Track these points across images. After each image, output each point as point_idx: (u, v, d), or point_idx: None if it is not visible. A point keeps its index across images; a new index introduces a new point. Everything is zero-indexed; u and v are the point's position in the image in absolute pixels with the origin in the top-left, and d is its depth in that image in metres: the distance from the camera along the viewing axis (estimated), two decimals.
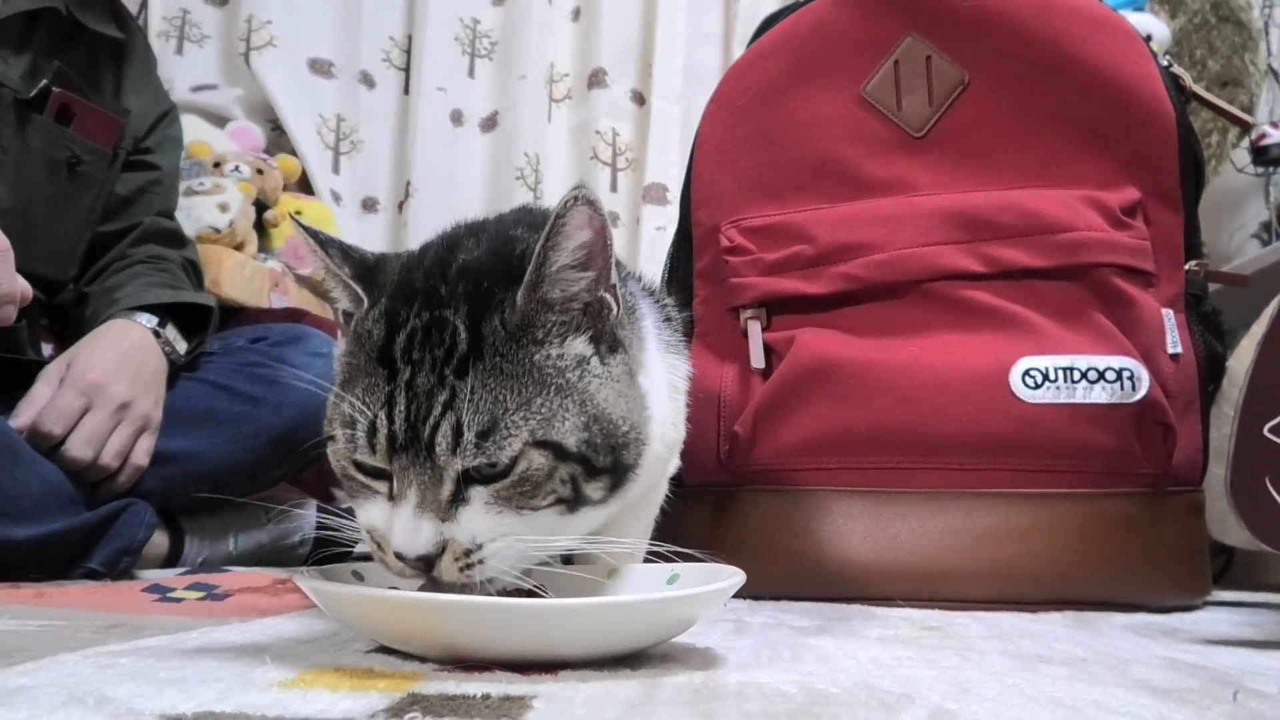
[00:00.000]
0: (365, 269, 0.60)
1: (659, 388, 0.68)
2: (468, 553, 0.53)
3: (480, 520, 0.53)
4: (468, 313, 0.55)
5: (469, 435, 0.52)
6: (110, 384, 1.02)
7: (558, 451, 0.54)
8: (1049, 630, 0.76)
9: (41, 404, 1.00)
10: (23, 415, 0.99)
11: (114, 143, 1.19)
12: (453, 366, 0.53)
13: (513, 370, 0.54)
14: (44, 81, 1.09)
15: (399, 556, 0.53)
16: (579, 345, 0.57)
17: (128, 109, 1.21)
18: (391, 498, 0.54)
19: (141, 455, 1.05)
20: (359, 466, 0.55)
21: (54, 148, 1.12)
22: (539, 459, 0.53)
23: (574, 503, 0.56)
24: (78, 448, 0.99)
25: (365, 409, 0.53)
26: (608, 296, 0.58)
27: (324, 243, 0.60)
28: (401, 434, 0.52)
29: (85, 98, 1.14)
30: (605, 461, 0.56)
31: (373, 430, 0.53)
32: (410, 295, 0.56)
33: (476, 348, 0.54)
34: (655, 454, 0.65)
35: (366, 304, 0.58)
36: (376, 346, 0.55)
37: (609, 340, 0.59)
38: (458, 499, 0.53)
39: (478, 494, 0.53)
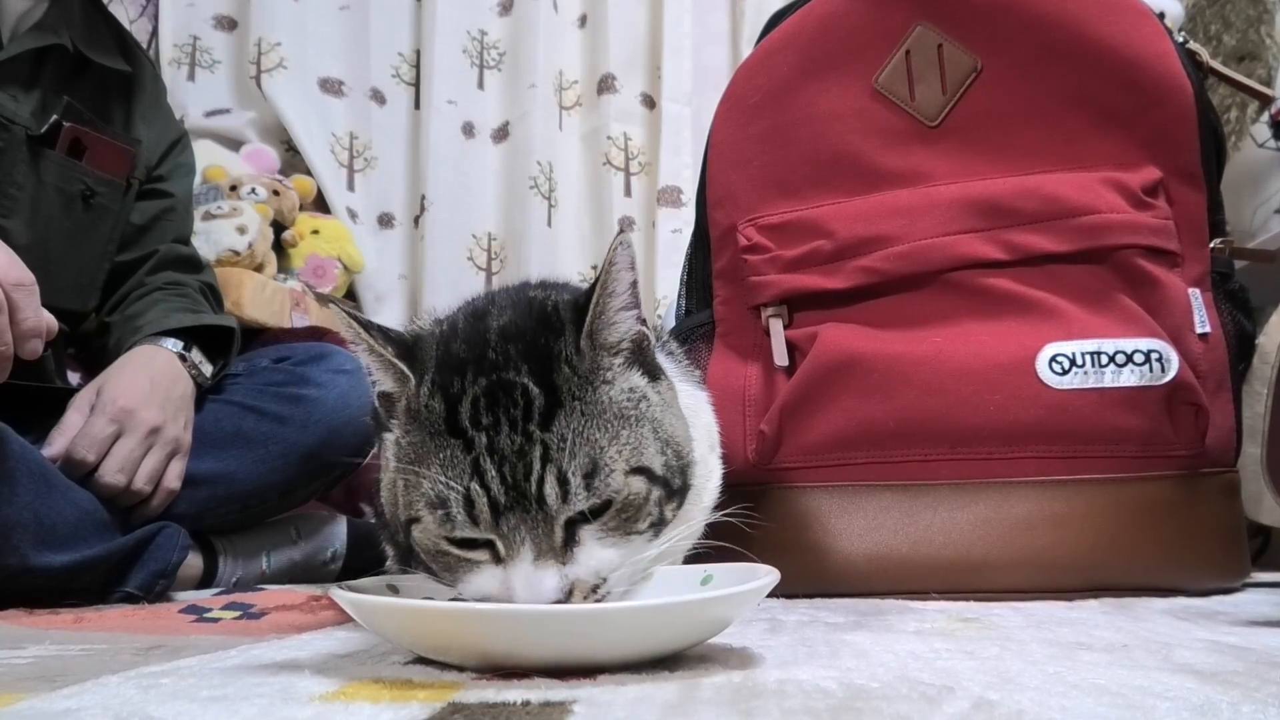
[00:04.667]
0: (406, 348, 0.59)
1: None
2: (595, 589, 0.54)
3: (599, 554, 0.54)
4: (530, 370, 0.55)
5: (576, 481, 0.53)
6: (140, 410, 1.03)
7: (650, 475, 0.56)
8: (1087, 617, 0.75)
9: (74, 432, 1.01)
10: (55, 444, 1.00)
11: (126, 173, 1.20)
12: (535, 421, 0.54)
13: (593, 411, 0.55)
14: (54, 117, 1.10)
15: None
16: (635, 378, 0.59)
17: (138, 139, 1.22)
18: (498, 561, 0.54)
19: (173, 479, 1.06)
20: (453, 541, 0.55)
21: (68, 182, 1.13)
22: (638, 484, 0.55)
23: (659, 525, 0.58)
24: (111, 474, 1.00)
25: (453, 483, 0.53)
26: (644, 329, 0.60)
27: (365, 325, 0.59)
28: (504, 497, 0.53)
29: (96, 130, 1.16)
30: (679, 483, 0.59)
31: (469, 502, 0.53)
32: (458, 366, 0.56)
33: (554, 399, 0.55)
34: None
35: (414, 382, 0.57)
36: (440, 419, 0.55)
37: (652, 371, 0.61)
38: (570, 542, 0.54)
39: (587, 532, 0.54)
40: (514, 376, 0.55)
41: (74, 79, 1.15)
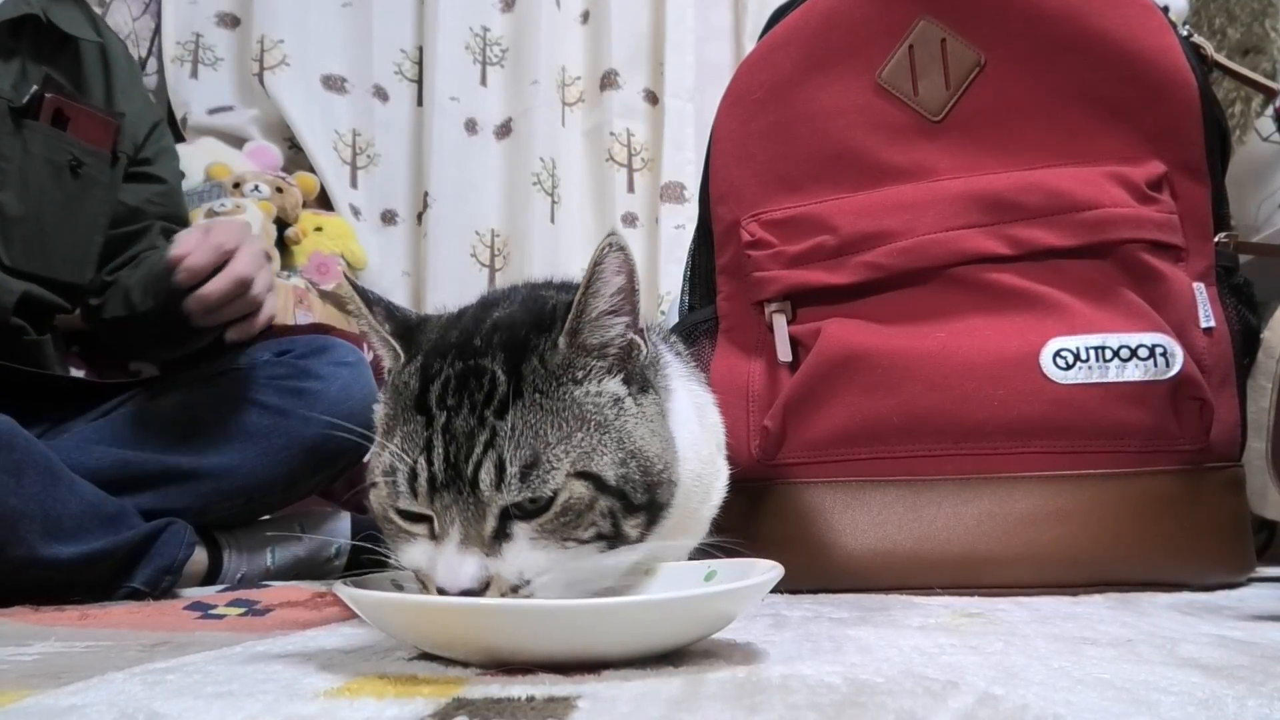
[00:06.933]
0: (406, 327, 0.61)
1: (688, 420, 0.69)
2: (515, 589, 0.53)
3: (526, 555, 0.53)
4: (504, 359, 0.56)
5: (512, 470, 0.52)
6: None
7: (597, 483, 0.54)
8: (1092, 612, 0.75)
9: (194, 242, 1.02)
10: (182, 244, 1.01)
11: (111, 144, 1.20)
12: (493, 408, 0.54)
13: (552, 407, 0.55)
14: (34, 88, 1.11)
15: (442, 593, 0.53)
16: (614, 385, 0.58)
17: (121, 112, 1.23)
18: (433, 537, 0.54)
19: (270, 309, 1.08)
20: (400, 513, 0.56)
21: (54, 152, 1.13)
22: (580, 488, 0.54)
23: (613, 539, 0.56)
24: (243, 265, 1.01)
25: (404, 455, 0.54)
26: (637, 339, 0.59)
27: (370, 301, 0.61)
28: (442, 474, 0.53)
29: (76, 102, 1.16)
30: (642, 499, 0.57)
31: (413, 475, 0.54)
32: (445, 349, 0.58)
33: (516, 388, 0.54)
34: (683, 495, 0.65)
35: (403, 359, 0.59)
36: (412, 396, 0.56)
37: (639, 381, 0.60)
38: (501, 535, 0.53)
39: (521, 530, 0.53)
40: (487, 363, 0.55)
41: (52, 51, 1.16)
